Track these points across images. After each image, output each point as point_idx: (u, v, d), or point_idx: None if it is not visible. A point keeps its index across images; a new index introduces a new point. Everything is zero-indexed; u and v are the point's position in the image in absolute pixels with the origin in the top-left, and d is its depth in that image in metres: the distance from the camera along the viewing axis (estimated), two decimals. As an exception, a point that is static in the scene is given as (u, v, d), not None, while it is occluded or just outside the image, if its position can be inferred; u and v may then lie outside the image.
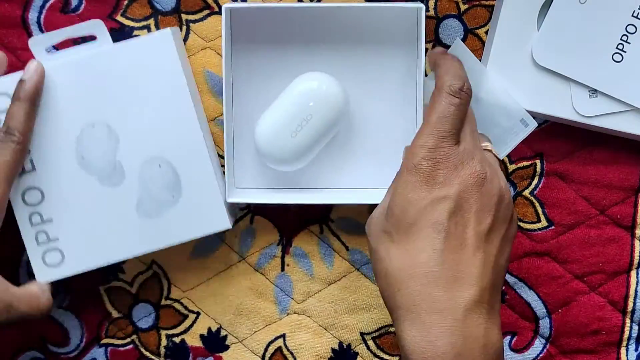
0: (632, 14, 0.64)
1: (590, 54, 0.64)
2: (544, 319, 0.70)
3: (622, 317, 0.70)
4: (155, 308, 0.71)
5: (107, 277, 0.70)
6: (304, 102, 0.63)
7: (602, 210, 0.69)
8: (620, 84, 0.64)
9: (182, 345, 0.71)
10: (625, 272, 0.70)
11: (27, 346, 0.71)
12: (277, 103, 0.64)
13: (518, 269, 0.70)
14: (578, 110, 0.65)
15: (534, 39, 0.64)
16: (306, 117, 0.62)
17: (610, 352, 0.71)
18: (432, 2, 0.67)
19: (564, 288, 0.70)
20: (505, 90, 0.65)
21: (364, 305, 0.70)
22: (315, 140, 0.63)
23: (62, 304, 0.70)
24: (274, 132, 0.63)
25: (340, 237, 0.70)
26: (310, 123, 0.62)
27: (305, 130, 0.63)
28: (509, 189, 0.56)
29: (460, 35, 0.67)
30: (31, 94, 0.62)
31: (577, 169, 0.69)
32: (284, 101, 0.63)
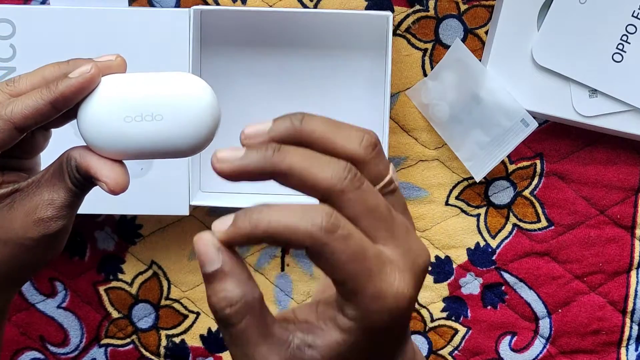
0: (632, 14, 0.64)
1: (590, 54, 0.64)
2: (544, 319, 0.70)
3: (622, 317, 0.70)
4: (155, 308, 0.71)
5: (107, 277, 0.70)
6: (164, 99, 0.46)
7: (602, 210, 0.69)
8: (620, 84, 0.64)
9: (182, 345, 0.71)
10: (625, 272, 0.70)
11: (27, 346, 0.71)
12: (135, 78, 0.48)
13: (518, 269, 0.70)
14: (578, 110, 0.65)
15: (534, 39, 0.64)
16: (153, 114, 0.46)
17: (610, 352, 0.71)
18: (432, 2, 0.67)
19: (564, 288, 0.70)
20: (505, 90, 0.65)
21: (364, 305, 0.70)
22: (152, 144, 0.47)
23: (62, 304, 0.70)
24: (98, 101, 0.47)
25: (340, 237, 0.70)
26: (156, 122, 0.46)
27: (145, 125, 0.46)
28: None
29: (460, 35, 0.67)
30: (60, 99, 0.46)
31: (577, 169, 0.69)
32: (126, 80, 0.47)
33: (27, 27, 0.64)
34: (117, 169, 0.46)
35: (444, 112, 0.67)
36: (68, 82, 0.45)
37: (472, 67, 0.65)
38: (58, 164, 0.47)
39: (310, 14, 0.66)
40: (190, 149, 0.46)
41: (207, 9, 0.64)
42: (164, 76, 0.47)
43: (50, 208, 0.47)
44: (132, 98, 0.46)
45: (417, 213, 0.69)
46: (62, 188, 0.47)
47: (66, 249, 0.69)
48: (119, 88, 0.46)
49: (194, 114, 0.46)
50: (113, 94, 0.46)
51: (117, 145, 0.46)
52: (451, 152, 0.68)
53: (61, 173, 0.47)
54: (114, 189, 0.46)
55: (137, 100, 0.46)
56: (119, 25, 0.63)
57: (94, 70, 0.45)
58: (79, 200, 0.48)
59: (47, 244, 0.48)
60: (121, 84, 0.46)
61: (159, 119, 0.46)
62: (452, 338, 0.71)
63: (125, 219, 0.70)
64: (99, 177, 0.46)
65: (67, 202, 0.47)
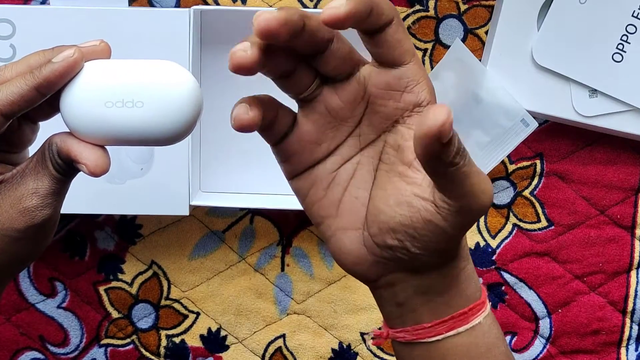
0: (632, 14, 0.64)
1: (590, 54, 0.64)
2: (544, 319, 0.70)
3: (622, 317, 0.70)
4: (155, 308, 0.71)
5: (107, 277, 0.70)
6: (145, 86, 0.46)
7: (602, 210, 0.69)
8: (620, 84, 0.64)
9: (182, 345, 0.71)
10: (625, 272, 0.70)
11: (27, 346, 0.71)
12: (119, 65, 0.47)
13: (518, 269, 0.70)
14: (578, 110, 0.65)
15: (534, 39, 0.64)
16: (134, 101, 0.46)
17: (610, 352, 0.71)
18: (432, 2, 0.67)
19: (564, 288, 0.70)
20: (505, 90, 0.65)
21: (364, 305, 0.70)
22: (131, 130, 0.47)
23: (62, 304, 0.70)
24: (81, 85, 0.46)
25: (340, 237, 0.70)
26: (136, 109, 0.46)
27: (125, 111, 0.46)
28: None
29: (460, 35, 0.67)
30: (44, 84, 0.46)
31: (577, 169, 0.69)
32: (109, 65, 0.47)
33: (27, 27, 0.64)
34: (98, 152, 0.46)
35: (444, 112, 0.67)
36: (52, 67, 0.45)
37: (472, 67, 0.65)
38: (41, 151, 0.47)
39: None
40: (170, 137, 0.46)
41: (207, 9, 0.64)
42: (147, 63, 0.47)
43: (35, 197, 0.47)
44: (114, 84, 0.46)
45: (417, 213, 0.69)
46: (45, 175, 0.47)
47: (66, 249, 0.69)
48: (101, 73, 0.46)
49: (174, 103, 0.46)
50: (95, 79, 0.46)
51: (97, 130, 0.46)
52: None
53: (44, 160, 0.47)
54: (94, 170, 0.46)
55: (119, 86, 0.46)
56: (119, 25, 0.63)
57: (77, 54, 0.46)
58: (63, 187, 0.48)
59: (33, 235, 0.47)
60: (103, 70, 0.46)
61: (140, 106, 0.46)
62: (452, 338, 0.71)
63: (125, 219, 0.70)
64: (79, 159, 0.46)
65: (52, 189, 0.47)
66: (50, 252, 0.69)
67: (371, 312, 0.70)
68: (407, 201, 0.44)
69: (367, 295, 0.70)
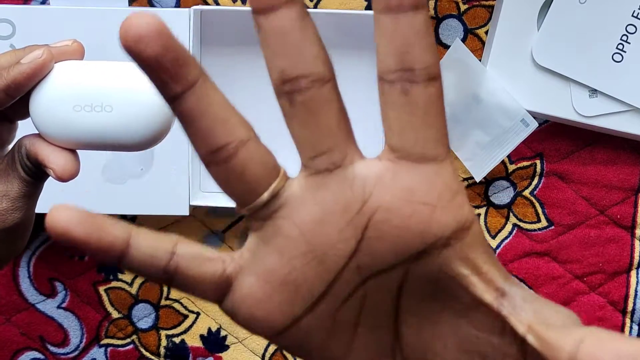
0: (632, 14, 0.64)
1: (590, 54, 0.64)
2: (544, 319, 0.70)
3: (622, 317, 0.70)
4: (155, 308, 0.71)
5: (107, 277, 0.70)
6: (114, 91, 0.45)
7: (602, 210, 0.69)
8: (620, 84, 0.64)
9: (182, 345, 0.71)
10: (625, 272, 0.70)
11: (27, 346, 0.71)
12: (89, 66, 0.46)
13: (518, 269, 0.70)
14: (578, 110, 0.65)
15: (534, 39, 0.64)
16: (102, 105, 0.45)
17: (610, 352, 0.71)
18: (432, 2, 0.67)
19: (564, 288, 0.70)
20: (505, 90, 0.65)
21: (364, 306, 0.70)
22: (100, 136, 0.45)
23: (62, 304, 0.70)
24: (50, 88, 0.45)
25: (340, 237, 0.70)
26: (105, 114, 0.45)
27: (94, 116, 0.45)
28: None
29: (460, 35, 0.67)
30: (12, 86, 0.44)
31: (577, 169, 0.69)
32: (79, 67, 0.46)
33: (27, 27, 0.64)
34: (66, 156, 0.45)
35: (444, 112, 0.67)
36: (20, 68, 0.44)
37: (472, 67, 0.65)
38: (10, 154, 0.46)
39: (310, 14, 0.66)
40: (140, 144, 0.45)
41: (207, 9, 0.64)
42: (119, 66, 0.45)
43: (5, 200, 0.46)
44: (83, 87, 0.45)
45: (417, 213, 0.69)
46: (15, 178, 0.46)
47: (66, 249, 0.70)
48: (71, 76, 0.45)
49: (144, 108, 0.44)
50: (64, 81, 0.45)
51: (66, 133, 0.45)
52: (451, 152, 0.68)
53: (14, 163, 0.46)
54: (61, 175, 0.45)
55: (88, 89, 0.45)
56: (119, 25, 0.63)
57: (46, 55, 0.44)
58: (35, 190, 0.47)
59: (5, 237, 0.46)
60: (73, 72, 0.45)
61: (109, 110, 0.44)
62: (452, 338, 0.71)
63: (125, 219, 0.70)
64: (46, 163, 0.45)
65: (22, 192, 0.46)
66: (50, 252, 0.70)
67: (371, 312, 0.70)
68: (478, 351, 0.32)
69: (367, 295, 0.70)
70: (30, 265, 0.69)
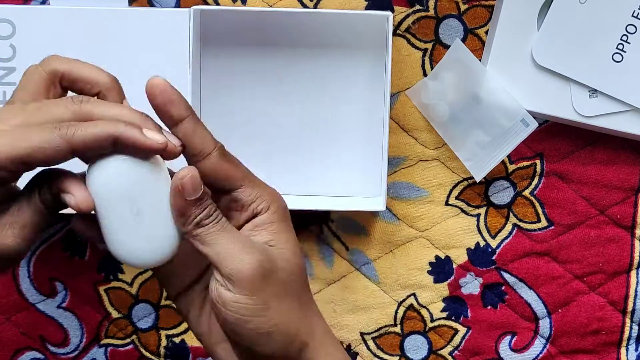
0: (632, 14, 0.64)
1: (590, 54, 0.64)
2: (544, 319, 0.70)
3: (622, 317, 0.70)
4: (155, 308, 0.71)
5: (107, 277, 0.70)
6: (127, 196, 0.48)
7: (602, 210, 0.69)
8: (620, 84, 0.64)
9: (182, 345, 0.71)
10: (625, 272, 0.70)
11: (27, 346, 0.71)
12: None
13: (518, 269, 0.70)
14: (578, 110, 0.65)
15: (534, 39, 0.64)
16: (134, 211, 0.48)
17: (610, 352, 0.71)
18: (432, 2, 0.67)
19: (564, 288, 0.70)
20: (505, 90, 0.65)
21: (364, 305, 0.70)
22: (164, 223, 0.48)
23: (62, 303, 0.70)
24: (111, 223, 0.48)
25: (340, 237, 0.70)
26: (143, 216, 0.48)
27: (143, 221, 0.48)
28: None
29: (460, 35, 0.67)
30: (118, 140, 0.46)
31: (577, 169, 0.69)
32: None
33: (27, 27, 0.64)
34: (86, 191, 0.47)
35: (444, 112, 0.67)
36: (142, 138, 0.46)
37: (472, 67, 0.65)
38: (27, 186, 0.47)
39: (310, 14, 0.66)
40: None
41: (207, 9, 0.64)
42: None
43: (13, 227, 0.46)
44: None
45: (417, 213, 0.69)
46: (30, 207, 0.47)
47: (66, 249, 0.69)
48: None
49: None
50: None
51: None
52: (451, 152, 0.68)
53: (32, 192, 0.47)
54: (79, 205, 0.46)
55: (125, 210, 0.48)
56: (119, 25, 0.63)
57: (178, 150, 0.48)
58: (45, 223, 0.48)
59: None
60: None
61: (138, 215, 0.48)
62: (452, 338, 0.71)
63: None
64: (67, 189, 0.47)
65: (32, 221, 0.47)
66: (50, 252, 0.69)
67: (371, 312, 0.70)
68: (213, 294, 0.48)
69: (367, 295, 0.70)
70: (30, 265, 0.69)
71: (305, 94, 0.68)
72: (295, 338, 0.49)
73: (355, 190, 0.68)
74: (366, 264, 0.70)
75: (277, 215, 0.50)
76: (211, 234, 0.47)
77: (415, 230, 0.70)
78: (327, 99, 0.67)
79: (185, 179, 0.46)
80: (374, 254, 0.70)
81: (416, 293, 0.70)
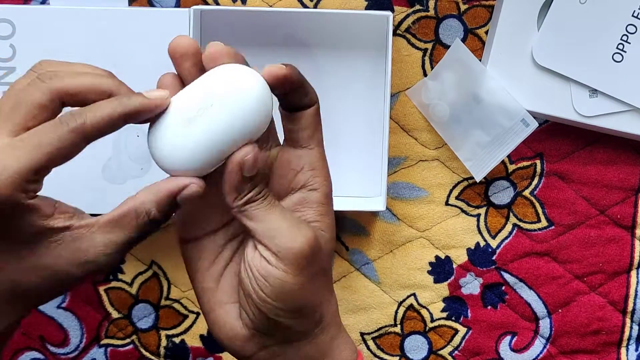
0: (632, 14, 0.64)
1: (590, 54, 0.64)
2: (544, 319, 0.70)
3: (622, 317, 0.70)
4: (155, 308, 0.71)
5: (107, 277, 0.70)
6: (206, 89, 0.47)
7: (602, 210, 0.69)
8: (620, 84, 0.64)
9: (182, 345, 0.71)
10: (625, 272, 0.70)
11: (27, 346, 0.71)
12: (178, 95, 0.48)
13: (518, 269, 0.70)
14: (578, 110, 0.65)
15: (534, 39, 0.64)
16: (205, 105, 0.47)
17: (610, 352, 0.71)
18: (432, 2, 0.67)
19: (564, 288, 0.70)
20: (505, 90, 0.65)
21: (364, 305, 0.70)
22: (218, 137, 0.46)
23: (62, 304, 0.70)
24: (162, 120, 0.47)
25: (340, 237, 0.70)
26: (210, 112, 0.46)
27: (203, 120, 0.46)
28: None
29: (460, 35, 0.67)
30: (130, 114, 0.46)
31: (577, 169, 0.69)
32: (183, 92, 0.48)
33: (27, 27, 0.64)
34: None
35: (444, 112, 0.67)
36: (145, 101, 0.45)
37: (472, 67, 0.65)
38: (121, 215, 0.46)
39: (310, 14, 0.66)
40: (251, 132, 0.46)
41: (207, 9, 0.64)
42: (209, 76, 0.47)
43: (101, 254, 0.46)
44: (188, 102, 0.47)
45: (417, 213, 0.69)
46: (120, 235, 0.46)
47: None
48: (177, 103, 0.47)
49: (247, 101, 0.46)
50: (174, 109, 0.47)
51: (186, 153, 0.46)
52: (451, 152, 0.68)
53: (126, 224, 0.46)
54: (198, 189, 0.46)
55: (192, 100, 0.46)
56: (119, 25, 0.63)
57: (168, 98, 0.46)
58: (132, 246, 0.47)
59: (84, 279, 0.46)
60: (177, 99, 0.47)
61: (217, 107, 0.46)
62: (452, 338, 0.71)
63: (125, 219, 0.69)
64: (178, 188, 0.46)
65: (120, 248, 0.46)
66: (50, 252, 0.70)
67: (371, 312, 0.70)
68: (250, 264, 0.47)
69: (367, 295, 0.70)
70: (30, 265, 0.69)
71: (305, 94, 0.68)
72: (316, 316, 0.49)
73: (355, 190, 0.68)
74: (366, 264, 0.70)
75: (327, 198, 0.50)
76: (260, 209, 0.47)
77: (415, 230, 0.70)
78: (327, 99, 0.67)
79: (249, 157, 0.45)
80: (374, 254, 0.70)
81: (416, 293, 0.70)
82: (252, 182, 0.46)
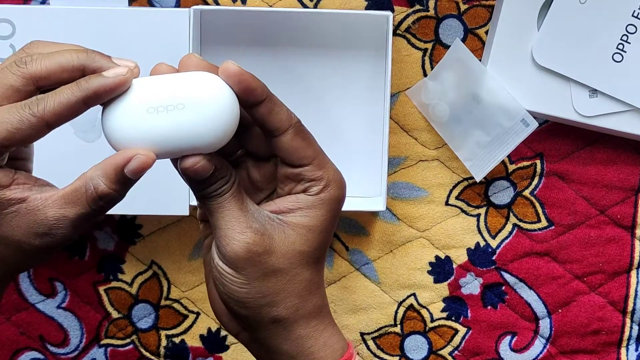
0: (632, 14, 0.64)
1: (590, 54, 0.64)
2: (544, 319, 0.70)
3: (622, 317, 0.70)
4: (155, 308, 0.71)
5: (107, 277, 0.70)
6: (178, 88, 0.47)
7: (602, 210, 0.69)
8: (620, 84, 0.64)
9: (182, 345, 0.71)
10: (625, 272, 0.70)
11: (27, 346, 0.71)
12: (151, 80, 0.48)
13: (518, 269, 0.70)
14: (578, 110, 0.65)
15: (534, 39, 0.64)
16: (174, 103, 0.46)
17: (610, 352, 0.71)
18: (432, 2, 0.67)
19: (564, 288, 0.70)
20: (505, 90, 0.65)
21: (364, 305, 0.70)
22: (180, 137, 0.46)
23: (62, 304, 0.70)
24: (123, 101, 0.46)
25: (340, 237, 0.70)
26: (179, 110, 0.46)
27: (170, 115, 0.46)
28: None
29: (460, 35, 0.67)
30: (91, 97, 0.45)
31: (577, 169, 0.69)
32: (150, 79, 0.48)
33: (27, 27, 0.64)
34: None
35: (444, 112, 0.67)
36: (103, 81, 0.45)
37: (472, 67, 0.65)
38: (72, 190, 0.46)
39: (310, 14, 0.66)
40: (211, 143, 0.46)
41: (207, 9, 0.64)
42: (183, 76, 0.47)
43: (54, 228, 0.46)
44: (155, 94, 0.46)
45: (417, 213, 0.69)
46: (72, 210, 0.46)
47: (66, 248, 0.69)
48: (143, 88, 0.46)
49: (214, 109, 0.46)
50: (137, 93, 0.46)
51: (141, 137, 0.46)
52: (451, 152, 0.68)
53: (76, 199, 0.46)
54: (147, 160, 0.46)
55: (159, 95, 0.46)
56: (119, 25, 0.63)
57: (129, 75, 0.46)
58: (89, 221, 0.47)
59: (47, 250, 0.47)
60: (144, 84, 0.46)
61: (181, 108, 0.46)
62: (452, 338, 0.71)
63: (125, 219, 0.70)
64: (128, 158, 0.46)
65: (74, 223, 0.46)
66: (50, 252, 0.70)
67: (371, 312, 0.70)
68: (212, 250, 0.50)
69: (367, 296, 0.70)
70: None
71: (305, 93, 0.68)
72: (269, 310, 0.49)
73: (355, 190, 0.68)
74: (366, 264, 0.70)
75: (324, 204, 0.49)
76: (213, 205, 0.48)
77: (415, 230, 0.70)
78: (327, 99, 0.67)
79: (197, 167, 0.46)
80: (374, 254, 0.70)
81: (416, 293, 0.70)
82: (207, 182, 0.47)
